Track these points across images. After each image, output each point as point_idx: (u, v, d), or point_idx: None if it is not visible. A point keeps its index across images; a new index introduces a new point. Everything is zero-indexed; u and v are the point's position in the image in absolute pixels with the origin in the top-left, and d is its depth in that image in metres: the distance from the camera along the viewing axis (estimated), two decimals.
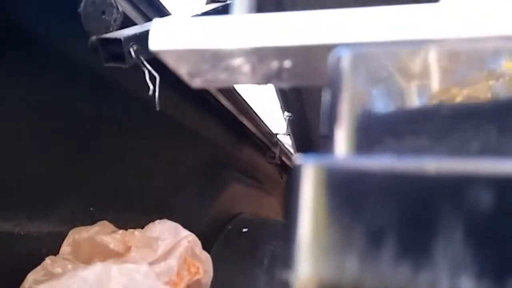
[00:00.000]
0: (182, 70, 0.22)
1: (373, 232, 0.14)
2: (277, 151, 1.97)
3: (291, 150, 2.44)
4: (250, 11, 0.69)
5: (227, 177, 1.76)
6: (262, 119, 1.70)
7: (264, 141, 1.82)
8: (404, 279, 0.13)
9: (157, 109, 0.73)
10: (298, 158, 0.15)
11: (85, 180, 0.92)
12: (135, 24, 0.82)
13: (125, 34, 0.70)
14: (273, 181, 2.42)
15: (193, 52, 0.20)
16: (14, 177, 0.76)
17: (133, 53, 0.69)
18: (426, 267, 0.14)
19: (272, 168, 2.23)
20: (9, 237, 0.75)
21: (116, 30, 0.75)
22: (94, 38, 0.70)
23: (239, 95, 1.38)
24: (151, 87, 0.72)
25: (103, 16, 0.72)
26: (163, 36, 0.20)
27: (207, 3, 1.02)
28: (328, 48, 0.18)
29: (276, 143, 1.96)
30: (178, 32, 0.20)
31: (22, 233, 0.77)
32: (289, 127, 2.11)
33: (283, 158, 2.15)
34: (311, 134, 2.61)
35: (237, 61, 0.20)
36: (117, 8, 0.75)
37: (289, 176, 2.69)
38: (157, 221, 0.91)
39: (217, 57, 0.20)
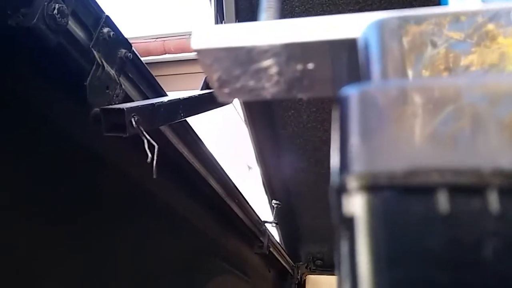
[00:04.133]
0: (214, 77, 0.24)
1: None
2: (265, 241, 1.93)
3: (278, 241, 2.38)
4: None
5: (213, 268, 1.68)
6: (251, 205, 1.69)
7: (252, 228, 1.78)
8: None
9: (154, 176, 0.73)
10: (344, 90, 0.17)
11: (63, 260, 0.87)
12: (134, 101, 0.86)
13: (128, 105, 0.74)
14: (260, 275, 2.31)
15: (229, 51, 0.22)
16: None
17: (134, 123, 0.72)
18: None
19: (259, 260, 2.15)
20: None
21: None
22: (97, 109, 0.73)
23: (229, 177, 1.39)
24: (149, 155, 0.74)
25: (107, 91, 0.77)
26: (204, 37, 0.23)
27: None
28: (345, 45, 0.21)
29: (265, 231, 1.92)
30: (217, 33, 0.23)
31: None
32: (276, 215, 2.10)
33: (271, 249, 2.09)
34: (298, 224, 2.58)
35: (267, 62, 0.23)
36: (121, 85, 0.80)
37: (276, 271, 2.58)
38: None
39: (249, 58, 0.22)
